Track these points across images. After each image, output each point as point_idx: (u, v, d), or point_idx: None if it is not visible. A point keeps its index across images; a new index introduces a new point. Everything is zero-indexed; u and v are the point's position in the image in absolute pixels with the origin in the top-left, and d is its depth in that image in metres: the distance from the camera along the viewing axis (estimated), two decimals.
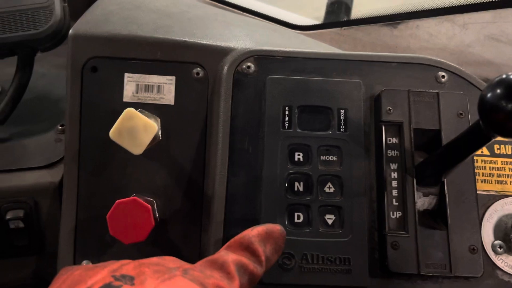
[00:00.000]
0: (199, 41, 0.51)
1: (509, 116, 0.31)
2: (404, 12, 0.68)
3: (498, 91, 0.31)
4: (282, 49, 0.50)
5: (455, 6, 0.63)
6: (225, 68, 0.48)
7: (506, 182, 0.46)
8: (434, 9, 0.65)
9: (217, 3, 0.92)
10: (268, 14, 0.84)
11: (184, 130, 0.50)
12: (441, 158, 0.42)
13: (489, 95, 0.32)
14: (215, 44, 0.51)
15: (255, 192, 0.45)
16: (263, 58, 0.49)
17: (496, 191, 0.46)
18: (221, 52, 0.50)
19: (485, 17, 0.63)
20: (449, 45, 0.68)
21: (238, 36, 0.55)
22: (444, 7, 0.64)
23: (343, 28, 0.77)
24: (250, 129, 0.47)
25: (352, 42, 0.77)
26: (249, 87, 0.48)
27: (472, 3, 0.62)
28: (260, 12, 0.85)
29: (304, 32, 0.82)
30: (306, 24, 0.83)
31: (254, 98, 0.48)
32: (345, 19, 1.20)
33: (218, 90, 0.48)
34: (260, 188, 0.45)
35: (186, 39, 0.50)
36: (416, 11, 0.67)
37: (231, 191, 0.45)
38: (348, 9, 1.36)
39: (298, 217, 0.45)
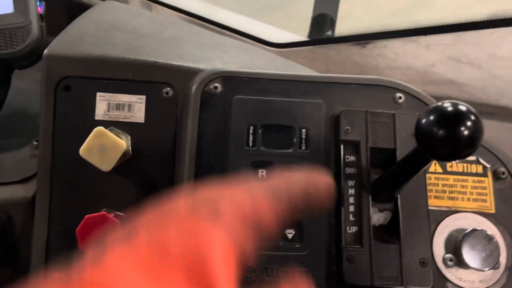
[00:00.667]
0: (169, 62, 0.53)
1: (441, 141, 0.33)
2: (372, 33, 0.71)
3: (432, 118, 0.34)
4: (248, 70, 0.52)
5: (418, 28, 0.66)
6: (193, 88, 0.51)
7: (457, 198, 0.49)
8: (399, 30, 0.68)
9: (196, 20, 0.94)
10: (245, 32, 0.87)
11: (154, 147, 0.52)
12: (392, 176, 0.45)
13: (423, 121, 0.35)
14: (185, 65, 0.53)
15: None
16: (230, 79, 0.51)
17: (448, 207, 0.49)
18: (190, 73, 0.52)
19: (446, 39, 0.67)
20: (414, 64, 0.71)
21: (209, 56, 0.57)
22: (408, 29, 0.67)
23: (316, 46, 0.80)
24: (216, 147, 0.49)
25: (324, 60, 0.80)
26: (216, 107, 0.51)
27: (433, 26, 0.65)
28: (237, 29, 0.88)
29: (278, 50, 0.85)
30: (280, 42, 0.85)
31: (221, 117, 0.50)
32: (329, 32, 1.24)
33: (186, 109, 0.51)
34: None
35: (157, 60, 0.53)
36: (383, 32, 0.70)
37: None
38: (332, 22, 1.40)
39: None
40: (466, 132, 0.32)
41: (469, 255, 0.46)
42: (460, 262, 0.46)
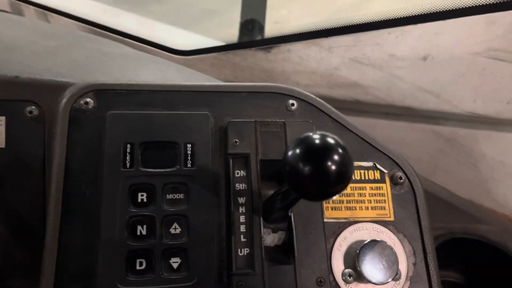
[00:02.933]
0: (33, 77, 0.46)
1: (307, 179, 0.29)
2: (273, 37, 0.68)
3: (298, 151, 0.30)
4: (125, 82, 0.47)
5: (317, 30, 0.64)
6: (61, 104, 0.45)
7: (355, 208, 0.47)
8: (299, 33, 0.66)
9: (97, 29, 0.88)
10: (146, 39, 0.81)
11: (19, 175, 0.45)
12: (282, 198, 0.41)
13: (289, 154, 0.31)
14: (52, 79, 0.47)
15: (93, 240, 0.42)
16: (104, 93, 0.46)
17: (345, 218, 0.46)
18: (58, 88, 0.46)
19: (346, 40, 0.65)
20: (319, 68, 0.69)
21: (86, 69, 0.51)
22: (308, 32, 0.65)
23: (222, 53, 0.76)
24: (87, 171, 0.43)
25: (231, 67, 0.76)
26: (88, 125, 0.45)
27: (332, 28, 0.63)
28: (138, 37, 0.82)
29: (184, 57, 0.81)
30: (186, 49, 0.81)
31: (93, 137, 0.44)
32: (259, 37, 1.22)
33: (54, 129, 0.44)
34: (99, 236, 0.42)
35: (18, 75, 0.46)
36: (283, 35, 0.67)
37: (64, 242, 0.41)
38: (260, 27, 1.39)
39: (141, 264, 0.41)
40: (333, 167, 0.29)
41: (368, 268, 0.43)
42: (359, 276, 0.44)
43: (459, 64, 0.58)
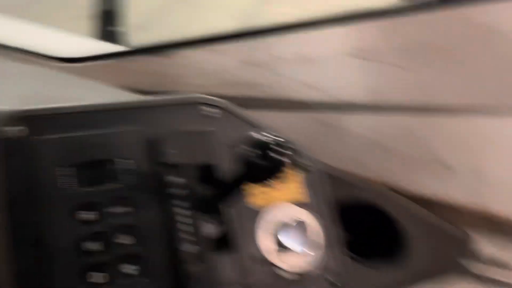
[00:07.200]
0: None
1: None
2: (168, 43, 0.72)
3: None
4: (51, 106, 0.47)
5: (208, 38, 0.70)
6: None
7: (273, 194, 0.55)
8: (194, 40, 0.71)
9: None
10: (26, 48, 0.77)
11: None
12: (214, 194, 0.48)
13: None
14: None
15: (49, 265, 0.43)
16: (34, 119, 0.46)
17: (266, 203, 0.55)
18: None
19: (237, 45, 0.73)
20: (214, 70, 0.76)
21: None
22: (203, 38, 0.71)
23: (115, 59, 0.77)
24: (30, 199, 0.44)
25: (123, 73, 0.78)
26: (22, 153, 0.45)
27: (224, 35, 0.70)
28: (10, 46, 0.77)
29: (72, 65, 0.79)
30: (73, 57, 0.79)
31: (30, 165, 0.45)
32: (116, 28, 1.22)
33: None
34: (53, 260, 0.43)
35: None
36: (178, 42, 0.72)
37: (21, 271, 0.42)
38: (117, 18, 1.39)
39: (97, 277, 0.44)
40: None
41: (290, 242, 0.53)
42: (285, 250, 0.53)
43: (333, 64, 0.71)
